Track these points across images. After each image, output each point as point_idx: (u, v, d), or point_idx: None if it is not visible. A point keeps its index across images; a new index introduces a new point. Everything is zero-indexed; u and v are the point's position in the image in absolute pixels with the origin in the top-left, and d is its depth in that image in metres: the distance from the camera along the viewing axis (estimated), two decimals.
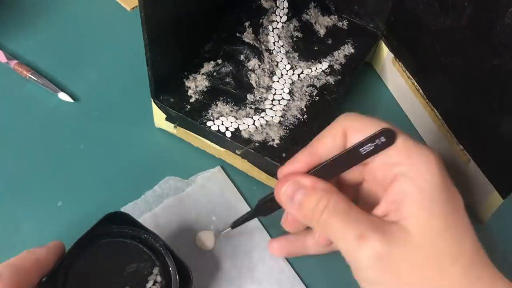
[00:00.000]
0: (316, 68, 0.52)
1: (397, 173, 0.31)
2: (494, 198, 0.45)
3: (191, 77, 0.50)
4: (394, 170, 0.31)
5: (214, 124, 0.47)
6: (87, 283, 0.37)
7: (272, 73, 0.51)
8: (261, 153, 0.46)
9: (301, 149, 0.34)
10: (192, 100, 0.48)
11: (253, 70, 0.51)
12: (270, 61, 0.52)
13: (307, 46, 0.54)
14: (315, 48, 0.54)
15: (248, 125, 0.47)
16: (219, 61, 0.51)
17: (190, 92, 0.49)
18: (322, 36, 0.55)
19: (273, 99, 0.50)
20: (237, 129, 0.47)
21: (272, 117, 0.48)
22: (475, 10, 0.42)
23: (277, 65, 0.52)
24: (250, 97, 0.49)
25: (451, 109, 0.48)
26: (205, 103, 0.48)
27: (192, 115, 0.47)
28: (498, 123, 0.42)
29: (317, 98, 0.50)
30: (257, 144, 0.46)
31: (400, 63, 0.53)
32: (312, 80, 0.51)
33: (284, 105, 0.49)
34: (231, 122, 0.47)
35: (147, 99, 0.49)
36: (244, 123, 0.47)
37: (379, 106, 0.55)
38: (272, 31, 0.54)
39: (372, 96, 0.56)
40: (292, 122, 0.48)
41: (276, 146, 0.46)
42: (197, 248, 0.45)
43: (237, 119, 0.47)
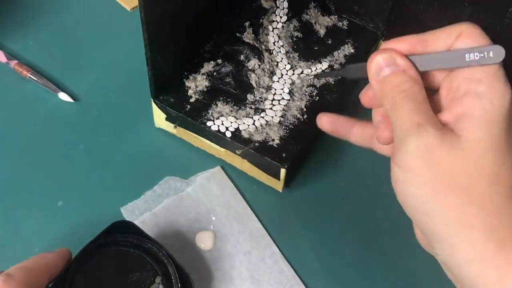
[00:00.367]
0: (316, 68, 0.52)
1: (472, 89, 0.32)
2: None
3: (191, 77, 0.50)
4: (471, 86, 0.32)
5: (214, 124, 0.47)
6: None
7: (272, 73, 0.51)
8: (261, 153, 0.46)
9: (413, 34, 0.35)
10: (192, 100, 0.48)
11: (253, 70, 0.51)
12: (270, 61, 0.52)
13: (307, 46, 0.54)
14: (315, 48, 0.54)
15: (248, 125, 0.47)
16: (219, 61, 0.51)
17: (190, 92, 0.49)
18: (322, 36, 0.55)
19: (273, 99, 0.50)
20: (237, 129, 0.47)
21: (272, 117, 0.48)
22: (475, 10, 0.42)
23: (277, 65, 0.52)
24: (250, 97, 0.49)
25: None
26: (205, 103, 0.48)
27: (192, 115, 0.47)
28: None
29: (317, 98, 0.50)
30: (257, 144, 0.46)
31: None
32: (312, 80, 0.51)
33: (284, 105, 0.49)
34: (231, 122, 0.47)
35: (147, 99, 0.49)
36: (244, 123, 0.47)
37: None
38: (272, 31, 0.54)
39: None
40: (292, 122, 0.48)
41: (276, 146, 0.46)
42: (197, 248, 0.45)
43: (237, 119, 0.47)
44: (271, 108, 0.49)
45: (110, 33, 0.59)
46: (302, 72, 0.52)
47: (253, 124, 0.47)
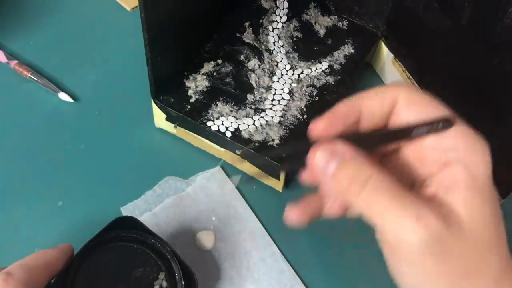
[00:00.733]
0: (316, 68, 0.52)
1: (452, 158, 0.30)
2: None
3: (191, 77, 0.50)
4: (449, 155, 0.30)
5: (214, 124, 0.47)
6: (94, 286, 0.38)
7: (272, 73, 0.51)
8: (261, 153, 0.46)
9: (343, 101, 0.31)
10: (192, 100, 0.48)
11: (253, 70, 0.51)
12: (270, 61, 0.52)
13: (307, 46, 0.54)
14: (315, 48, 0.54)
15: (248, 125, 0.47)
16: (219, 61, 0.51)
17: (190, 92, 0.49)
18: (322, 36, 0.55)
19: (273, 99, 0.50)
20: (237, 129, 0.47)
21: (272, 117, 0.48)
22: (475, 10, 0.42)
23: (277, 65, 0.52)
24: (250, 97, 0.49)
25: (451, 109, 0.48)
26: (205, 103, 0.48)
27: (192, 115, 0.47)
28: (498, 123, 0.42)
29: (317, 98, 0.50)
30: (257, 144, 0.46)
31: (400, 63, 0.53)
32: (312, 80, 0.51)
33: (284, 105, 0.49)
34: (231, 122, 0.47)
35: (147, 99, 0.49)
36: (244, 123, 0.47)
37: None
38: (272, 31, 0.54)
39: None
40: (292, 122, 0.48)
41: (276, 146, 0.46)
42: (197, 248, 0.45)
43: (237, 119, 0.47)
44: (271, 108, 0.49)
45: (110, 33, 0.59)
46: (302, 72, 0.52)
47: (253, 124, 0.47)
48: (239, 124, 0.47)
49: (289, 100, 0.50)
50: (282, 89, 0.50)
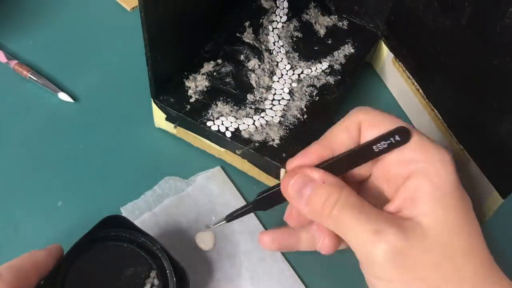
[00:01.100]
0: (316, 68, 0.52)
1: (412, 170, 0.30)
2: (494, 198, 0.45)
3: (191, 77, 0.50)
4: (409, 167, 0.31)
5: (214, 124, 0.47)
6: (85, 286, 0.38)
7: (272, 73, 0.51)
8: (261, 153, 0.46)
9: (314, 142, 0.33)
10: (192, 100, 0.48)
11: (253, 70, 0.51)
12: (270, 61, 0.52)
13: (307, 46, 0.54)
14: (315, 48, 0.54)
15: (248, 125, 0.47)
16: (219, 61, 0.51)
17: (190, 92, 0.49)
18: (322, 36, 0.55)
19: (273, 99, 0.50)
20: (237, 129, 0.47)
21: (272, 117, 0.48)
22: (475, 10, 0.42)
23: (277, 65, 0.52)
24: (250, 97, 0.49)
25: (451, 109, 0.48)
26: (205, 103, 0.48)
27: (192, 115, 0.47)
28: (498, 123, 0.42)
29: (317, 98, 0.50)
30: (257, 144, 0.46)
31: (400, 63, 0.53)
32: (312, 80, 0.51)
33: (284, 105, 0.49)
34: (231, 122, 0.47)
35: (147, 99, 0.49)
36: (244, 123, 0.47)
37: (379, 106, 0.54)
38: (272, 31, 0.54)
39: (372, 96, 0.56)
40: (292, 122, 0.48)
41: (276, 146, 0.46)
42: (197, 248, 0.45)
43: (237, 119, 0.47)
44: (271, 108, 0.49)
45: (110, 33, 0.59)
46: (302, 72, 0.52)
47: (253, 124, 0.47)
48: (239, 124, 0.47)
49: (289, 100, 0.50)
50: (282, 89, 0.50)
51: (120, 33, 0.59)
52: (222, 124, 0.47)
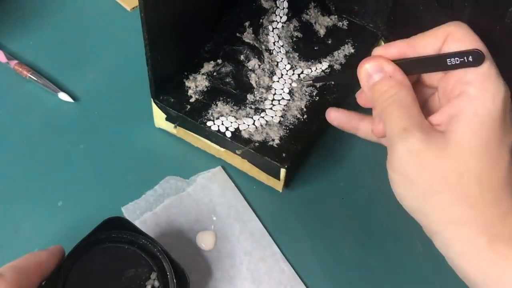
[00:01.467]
0: (316, 68, 0.52)
1: (465, 91, 0.32)
2: None
3: (191, 77, 0.50)
4: (464, 88, 0.33)
5: (214, 124, 0.47)
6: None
7: (272, 73, 0.51)
8: (261, 153, 0.46)
9: (403, 39, 0.36)
10: (192, 100, 0.48)
11: (253, 70, 0.51)
12: (270, 61, 0.52)
13: (307, 46, 0.54)
14: (315, 48, 0.54)
15: (248, 125, 0.47)
16: (219, 61, 0.51)
17: (190, 92, 0.49)
18: (322, 36, 0.55)
19: (273, 99, 0.50)
20: (237, 129, 0.47)
21: (272, 117, 0.48)
22: (475, 10, 0.42)
23: (277, 65, 0.52)
24: (250, 97, 0.49)
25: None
26: (205, 103, 0.48)
27: (192, 115, 0.48)
28: None
29: (317, 98, 0.50)
30: (257, 144, 0.46)
31: None
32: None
33: (284, 105, 0.49)
34: (231, 122, 0.47)
35: (147, 99, 0.49)
36: (244, 123, 0.47)
37: None
38: (272, 31, 0.54)
39: None
40: (292, 122, 0.48)
41: (276, 146, 0.46)
42: (198, 248, 0.45)
43: (237, 119, 0.47)
44: (271, 108, 0.49)
45: (110, 33, 0.59)
46: (302, 72, 0.52)
47: (253, 124, 0.47)
48: (239, 124, 0.47)
49: (289, 100, 0.50)
50: (282, 89, 0.50)
51: (120, 33, 0.59)
52: (222, 124, 0.47)
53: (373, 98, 0.36)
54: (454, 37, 0.34)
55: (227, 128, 0.47)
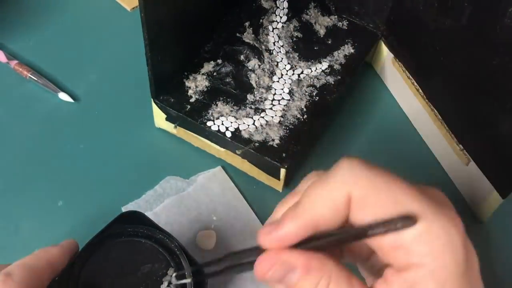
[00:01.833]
0: (316, 68, 0.52)
1: (414, 263, 0.26)
2: (494, 198, 0.45)
3: (191, 77, 0.50)
4: (410, 259, 0.26)
5: (214, 124, 0.47)
6: (101, 283, 0.36)
7: (272, 73, 0.51)
8: (261, 153, 0.46)
9: (290, 213, 0.28)
10: (192, 100, 0.48)
11: (253, 70, 0.51)
12: (270, 61, 0.52)
13: (307, 46, 0.54)
14: (315, 48, 0.54)
15: (248, 125, 0.47)
16: (219, 61, 0.51)
17: (190, 92, 0.49)
18: (322, 36, 0.55)
19: (273, 99, 0.50)
20: (237, 129, 0.47)
21: (272, 117, 0.48)
22: (475, 10, 0.42)
23: (277, 65, 0.52)
24: (250, 97, 0.49)
25: (451, 109, 0.48)
26: (205, 103, 0.48)
27: (192, 115, 0.48)
28: (498, 123, 0.42)
29: (317, 98, 0.50)
30: (257, 144, 0.46)
31: (400, 63, 0.53)
32: (312, 80, 0.51)
33: (284, 105, 0.49)
34: (231, 122, 0.47)
35: (147, 99, 0.49)
36: (244, 123, 0.47)
37: (379, 106, 0.55)
38: (272, 31, 0.54)
39: (372, 96, 0.56)
40: (292, 122, 0.48)
41: (276, 146, 0.46)
42: (198, 248, 0.45)
43: (237, 119, 0.47)
44: (271, 108, 0.49)
45: (110, 33, 0.59)
46: (302, 72, 0.52)
47: (253, 124, 0.47)
48: (239, 124, 0.47)
49: (289, 100, 0.50)
50: (282, 89, 0.50)
51: (120, 33, 0.59)
52: (222, 124, 0.47)
53: None
54: (360, 204, 0.26)
55: (227, 128, 0.47)
